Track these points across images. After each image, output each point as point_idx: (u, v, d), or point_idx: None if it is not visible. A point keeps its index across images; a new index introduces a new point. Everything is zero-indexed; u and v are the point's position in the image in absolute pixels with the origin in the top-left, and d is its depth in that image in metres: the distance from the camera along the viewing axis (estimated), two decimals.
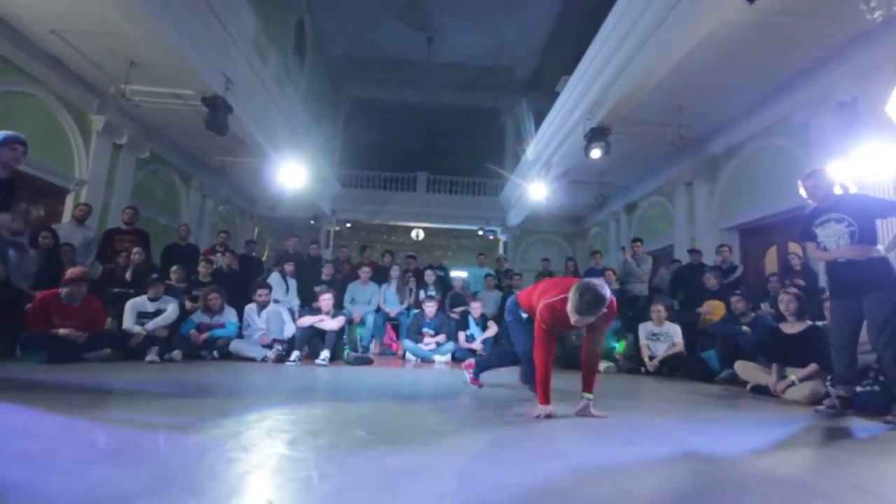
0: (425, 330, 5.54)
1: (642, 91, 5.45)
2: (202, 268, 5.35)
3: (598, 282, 2.24)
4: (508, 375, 3.79)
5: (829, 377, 3.44)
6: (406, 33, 11.79)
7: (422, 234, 14.47)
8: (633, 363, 5.34)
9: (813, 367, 3.54)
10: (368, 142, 14.79)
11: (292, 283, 6.09)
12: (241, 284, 5.39)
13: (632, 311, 6.16)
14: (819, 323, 3.83)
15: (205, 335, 4.57)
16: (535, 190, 8.75)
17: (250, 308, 4.99)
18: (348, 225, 13.96)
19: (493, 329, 5.71)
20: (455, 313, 6.12)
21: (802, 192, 3.16)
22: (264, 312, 4.96)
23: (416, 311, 5.98)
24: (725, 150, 6.67)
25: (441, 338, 5.53)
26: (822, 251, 3.00)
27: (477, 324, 5.74)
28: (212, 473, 1.29)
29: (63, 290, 3.81)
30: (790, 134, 5.53)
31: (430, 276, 6.59)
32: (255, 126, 6.97)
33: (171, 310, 4.43)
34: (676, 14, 4.49)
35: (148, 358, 4.02)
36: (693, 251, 6.36)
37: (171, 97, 5.85)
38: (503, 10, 10.89)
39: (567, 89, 7.68)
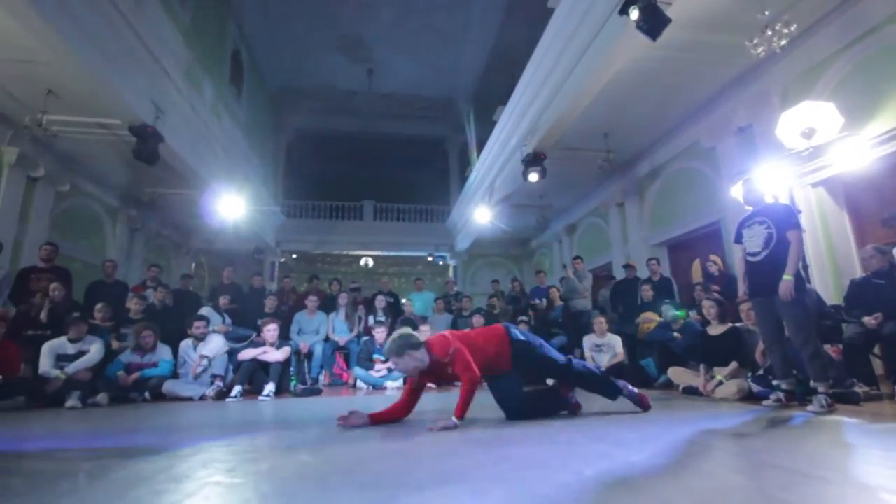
0: (376, 356, 5.45)
1: (570, 119, 5.88)
2: (133, 304, 4.98)
3: (407, 332, 2.68)
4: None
5: (749, 374, 3.77)
6: (346, 65, 12.03)
7: (371, 262, 14.34)
8: None
9: (734, 364, 3.86)
10: (313, 171, 14.68)
11: (227, 317, 5.79)
12: (176, 321, 5.08)
13: (576, 326, 6.41)
14: (738, 325, 4.20)
15: (134, 376, 4.22)
16: (480, 214, 9.02)
17: (186, 344, 4.70)
18: (294, 256, 13.59)
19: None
20: None
21: (739, 196, 3.50)
22: (207, 347, 4.67)
23: (365, 338, 5.89)
24: (649, 172, 7.27)
25: (392, 363, 5.44)
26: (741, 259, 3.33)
27: None
28: None
29: None
30: (701, 156, 6.15)
31: (380, 301, 6.54)
32: (191, 156, 6.74)
33: (94, 350, 4.08)
34: (593, 49, 4.94)
35: (68, 404, 3.65)
36: (627, 266, 6.78)
37: (94, 127, 5.55)
38: (440, 43, 11.42)
39: (503, 118, 8.11)
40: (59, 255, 5.40)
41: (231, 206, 7.25)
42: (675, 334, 4.80)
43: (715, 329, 4.14)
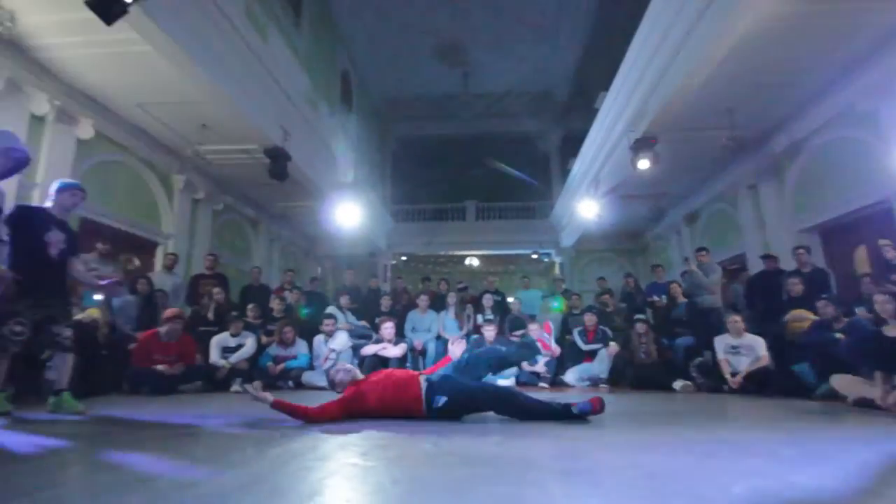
0: None
1: (684, 97, 5.32)
2: (275, 304, 5.76)
3: None
4: None
5: None
6: (442, 70, 12.39)
7: (476, 262, 14.55)
8: (712, 380, 4.97)
9: None
10: (416, 176, 15.38)
11: (350, 315, 6.35)
12: (309, 318, 5.71)
13: (704, 326, 5.76)
14: None
15: (280, 366, 4.88)
16: (586, 208, 8.61)
17: (319, 339, 5.26)
18: (403, 258, 14.35)
19: (555, 350, 5.58)
20: (515, 336, 6.05)
21: None
22: (334, 342, 5.20)
23: (475, 336, 5.99)
24: (788, 146, 6.25)
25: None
26: None
27: None
28: (294, 478, 1.39)
29: (162, 329, 4.28)
30: (858, 123, 5.11)
31: (487, 300, 6.60)
32: (312, 171, 7.53)
33: (249, 344, 4.81)
34: (710, 15, 4.40)
35: (233, 388, 4.39)
36: (767, 257, 5.92)
37: (238, 152, 6.50)
38: (533, 37, 11.17)
39: (606, 105, 7.64)
40: (219, 263, 6.43)
41: (346, 214, 7.92)
42: (838, 335, 4.05)
43: (894, 329, 3.40)
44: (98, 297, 4.56)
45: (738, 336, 4.83)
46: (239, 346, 4.78)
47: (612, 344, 5.67)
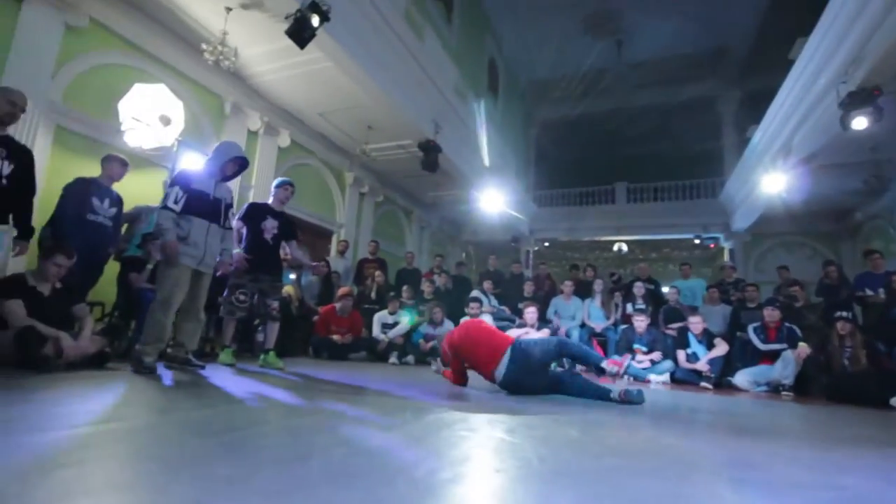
0: (636, 346, 5.14)
1: None
2: (426, 287, 6.30)
3: None
4: None
5: None
6: (592, 44, 11.56)
7: (625, 248, 13.51)
8: None
9: None
10: (561, 159, 14.87)
11: (493, 299, 6.53)
12: (456, 301, 6.08)
13: None
14: None
15: (430, 343, 5.33)
16: (770, 183, 7.24)
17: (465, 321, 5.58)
18: (546, 244, 14.11)
19: (721, 347, 4.91)
20: (672, 329, 5.49)
21: None
22: None
23: (624, 326, 5.62)
24: None
25: (656, 355, 5.04)
26: None
27: (699, 341, 5.02)
28: (448, 443, 1.54)
29: (337, 305, 5.08)
30: None
31: (639, 288, 6.11)
32: (459, 160, 7.90)
33: (404, 322, 5.39)
34: None
35: (391, 360, 4.99)
36: None
37: (395, 148, 7.18)
38: None
39: (805, 53, 6.23)
40: (380, 248, 7.25)
41: (491, 200, 8.13)
42: None
43: None
44: (292, 276, 5.58)
45: None
46: (395, 324, 5.38)
47: (802, 345, 4.71)
